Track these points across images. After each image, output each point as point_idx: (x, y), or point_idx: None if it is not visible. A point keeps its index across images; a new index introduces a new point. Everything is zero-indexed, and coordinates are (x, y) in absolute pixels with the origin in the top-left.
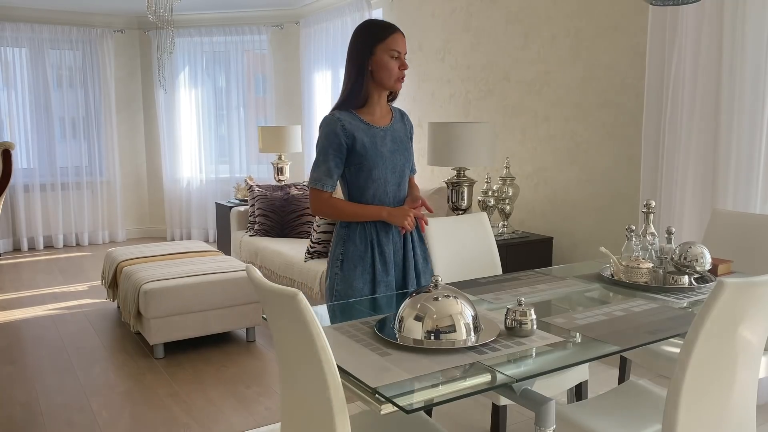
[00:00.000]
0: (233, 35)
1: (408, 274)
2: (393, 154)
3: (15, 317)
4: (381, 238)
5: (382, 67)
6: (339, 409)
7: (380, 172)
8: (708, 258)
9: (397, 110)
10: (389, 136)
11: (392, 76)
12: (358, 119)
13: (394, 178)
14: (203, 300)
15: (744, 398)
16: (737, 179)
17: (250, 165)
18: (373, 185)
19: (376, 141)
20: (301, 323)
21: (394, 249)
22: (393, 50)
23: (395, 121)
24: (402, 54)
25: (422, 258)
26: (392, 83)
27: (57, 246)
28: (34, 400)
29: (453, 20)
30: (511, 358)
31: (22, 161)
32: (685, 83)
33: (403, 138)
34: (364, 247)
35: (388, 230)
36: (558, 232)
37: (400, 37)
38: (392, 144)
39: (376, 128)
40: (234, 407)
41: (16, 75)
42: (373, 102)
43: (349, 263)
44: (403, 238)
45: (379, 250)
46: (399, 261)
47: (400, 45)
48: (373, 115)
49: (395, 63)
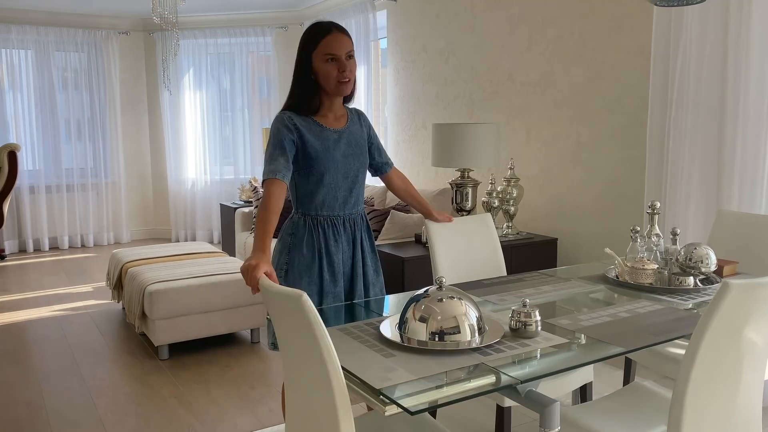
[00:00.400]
0: (237, 37)
1: (356, 285)
2: (346, 158)
3: (20, 318)
4: (330, 247)
5: (321, 74)
6: (343, 410)
7: (331, 177)
8: (713, 259)
9: (354, 111)
10: (344, 139)
11: (331, 81)
12: (310, 120)
13: (345, 183)
14: (208, 301)
15: (749, 399)
16: (742, 180)
17: (255, 166)
18: (323, 190)
19: (329, 145)
20: (306, 325)
21: (343, 259)
22: (327, 54)
23: (351, 123)
24: (339, 55)
25: (372, 269)
26: (334, 89)
27: (62, 247)
28: (39, 400)
29: (457, 21)
30: (516, 360)
31: (28, 163)
32: (690, 84)
33: (360, 141)
34: (311, 255)
35: (337, 238)
36: (562, 233)
37: (333, 38)
38: (346, 147)
39: (329, 130)
40: (238, 408)
41: (22, 77)
42: (324, 107)
43: (294, 273)
44: (353, 246)
45: (328, 259)
46: (348, 271)
47: (334, 47)
48: (326, 117)
49: (332, 66)
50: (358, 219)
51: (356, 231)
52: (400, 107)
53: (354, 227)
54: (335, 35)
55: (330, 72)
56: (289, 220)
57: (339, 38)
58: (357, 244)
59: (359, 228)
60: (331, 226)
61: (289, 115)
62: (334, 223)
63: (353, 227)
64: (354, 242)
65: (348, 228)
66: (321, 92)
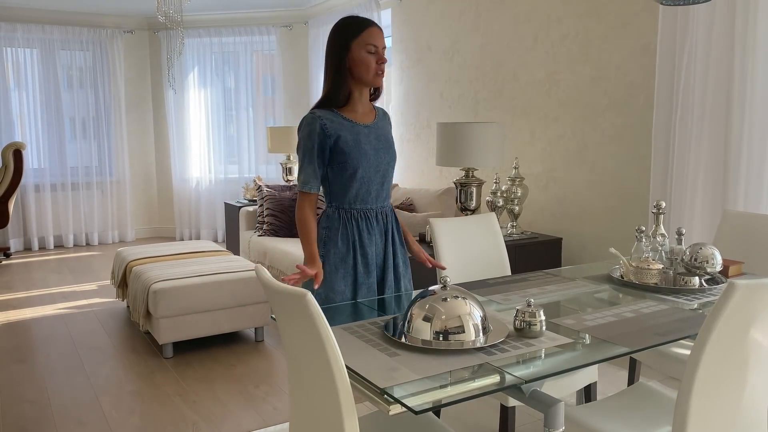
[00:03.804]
0: (242, 36)
1: (387, 277)
2: (377, 152)
3: (25, 316)
4: (363, 239)
5: (359, 62)
6: (348, 409)
7: (364, 171)
8: (719, 259)
9: (380, 109)
10: (373, 133)
11: (370, 71)
12: (341, 117)
13: (377, 177)
14: (212, 300)
15: (755, 400)
16: (748, 180)
17: (259, 165)
18: (356, 184)
19: (360, 139)
20: (310, 323)
21: (376, 251)
22: (369, 44)
23: (379, 119)
24: (379, 48)
25: (402, 262)
26: (371, 78)
27: (67, 245)
28: (44, 398)
29: (462, 21)
30: (520, 359)
31: (33, 161)
32: (696, 83)
33: (388, 136)
34: (346, 248)
35: (371, 230)
36: (567, 233)
37: (375, 31)
38: (376, 142)
39: (360, 125)
40: (242, 407)
41: (27, 76)
42: (354, 99)
43: (329, 265)
44: (385, 239)
45: (362, 251)
46: (380, 263)
47: (377, 39)
48: (355, 112)
49: (372, 57)
50: (389, 212)
51: (388, 224)
52: (405, 106)
53: (386, 220)
54: (376, 29)
55: (370, 62)
56: (323, 213)
57: (379, 32)
58: (389, 236)
59: (390, 221)
60: (364, 218)
61: (319, 115)
62: (368, 216)
63: (385, 220)
64: (386, 234)
65: (380, 221)
66: (352, 84)
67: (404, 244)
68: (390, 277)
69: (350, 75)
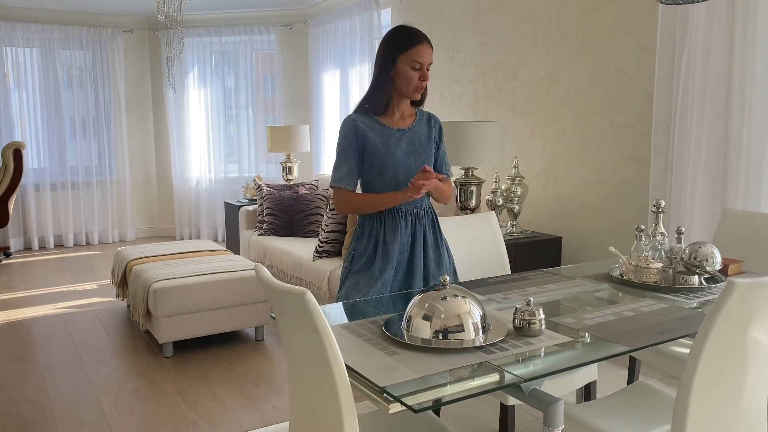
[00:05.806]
0: (242, 35)
1: (414, 277)
2: (407, 156)
3: (25, 315)
4: (387, 237)
5: (402, 76)
6: (347, 408)
7: (391, 172)
8: (718, 258)
9: (425, 113)
10: (406, 137)
11: (410, 86)
12: (374, 121)
13: (407, 180)
14: (212, 299)
15: (754, 399)
16: (748, 178)
17: (259, 164)
18: (384, 185)
19: (390, 142)
20: (310, 322)
21: (400, 249)
22: (415, 61)
23: (417, 124)
24: (425, 65)
25: (434, 263)
26: (409, 93)
27: (67, 245)
28: (44, 397)
29: (461, 20)
30: (520, 358)
31: (33, 161)
32: (695, 82)
33: (424, 140)
34: (372, 245)
35: (396, 230)
36: (567, 232)
37: (423, 48)
38: (408, 146)
39: (392, 130)
40: (242, 406)
41: (27, 75)
42: (392, 107)
43: (358, 259)
44: (412, 239)
45: (383, 248)
46: (403, 262)
47: (423, 56)
48: (391, 117)
49: (415, 74)
50: (422, 213)
51: (418, 225)
52: None
53: (416, 221)
54: (425, 46)
55: (412, 77)
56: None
57: (428, 50)
58: (418, 237)
59: (422, 222)
60: (392, 218)
61: (355, 118)
62: (395, 216)
63: (415, 221)
64: (414, 236)
65: (410, 222)
66: (393, 93)
67: (440, 245)
68: (418, 278)
69: (392, 83)
